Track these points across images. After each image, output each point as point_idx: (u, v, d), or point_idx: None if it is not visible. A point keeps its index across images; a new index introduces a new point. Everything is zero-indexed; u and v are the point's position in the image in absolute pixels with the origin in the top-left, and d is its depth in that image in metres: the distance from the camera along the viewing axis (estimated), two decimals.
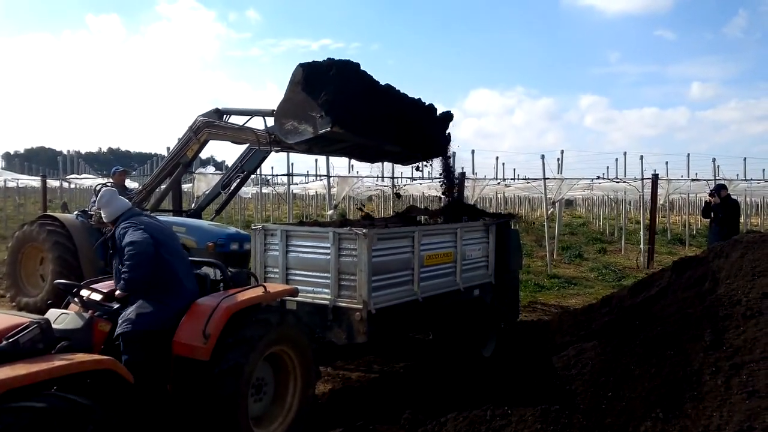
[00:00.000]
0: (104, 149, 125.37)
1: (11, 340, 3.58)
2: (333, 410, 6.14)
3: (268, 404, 5.07)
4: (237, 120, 8.28)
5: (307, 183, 24.55)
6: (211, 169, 16.84)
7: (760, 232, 8.06)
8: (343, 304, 6.17)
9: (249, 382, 4.68)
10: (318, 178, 19.90)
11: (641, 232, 19.24)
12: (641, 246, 18.17)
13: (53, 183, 26.39)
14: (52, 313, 4.32)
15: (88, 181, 23.08)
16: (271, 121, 7.77)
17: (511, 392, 5.83)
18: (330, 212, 15.24)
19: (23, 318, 3.88)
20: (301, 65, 6.50)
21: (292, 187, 22.74)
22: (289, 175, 19.10)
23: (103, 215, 5.08)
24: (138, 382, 4.07)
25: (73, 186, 27.93)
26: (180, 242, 5.28)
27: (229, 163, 10.18)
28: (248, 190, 26.91)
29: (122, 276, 4.70)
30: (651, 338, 5.73)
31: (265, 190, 29.65)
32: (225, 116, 8.41)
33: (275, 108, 7.13)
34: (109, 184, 9.44)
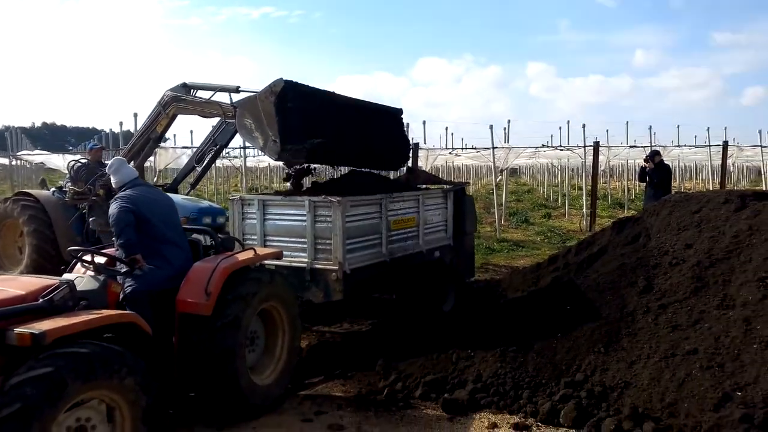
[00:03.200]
0: (38, 124, 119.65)
1: (47, 298, 4.07)
2: (313, 362, 6.78)
3: (260, 355, 5.66)
4: (204, 95, 8.68)
5: (260, 155, 24.68)
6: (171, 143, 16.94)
7: (687, 192, 8.99)
8: (320, 266, 6.76)
9: (246, 334, 5.26)
10: None
11: (583, 198, 20.33)
12: (584, 210, 19.25)
13: (3, 161, 25.62)
14: (69, 276, 4.77)
15: (40, 157, 22.71)
16: (236, 97, 8.21)
17: (471, 339, 6.54)
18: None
19: (52, 280, 4.36)
20: (284, 81, 6.80)
21: (242, 160, 22.93)
22: (244, 148, 19.39)
23: (112, 181, 5.49)
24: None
25: (17, 163, 27.19)
26: (176, 212, 5.72)
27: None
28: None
29: (116, 243, 5.18)
30: (593, 286, 6.55)
31: (217, 162, 29.55)
32: (192, 91, 8.78)
33: (239, 85, 7.60)
34: (84, 161, 9.71)
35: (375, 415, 5.43)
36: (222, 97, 8.41)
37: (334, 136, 7.30)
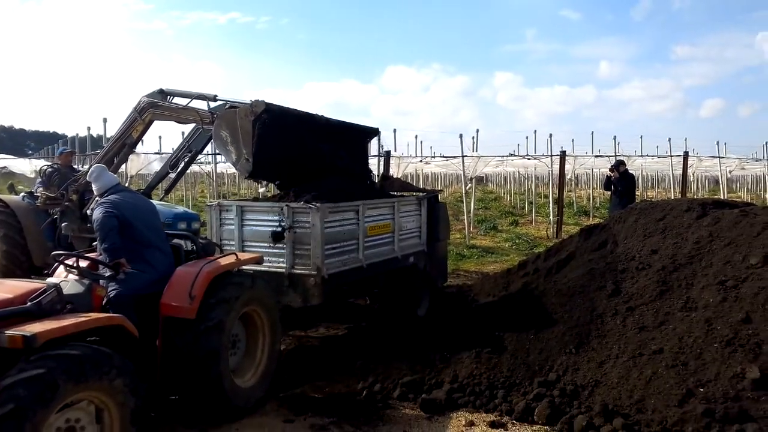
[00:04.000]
0: None
1: (35, 301, 4.11)
2: (292, 365, 6.87)
3: (242, 358, 5.75)
4: (180, 101, 8.70)
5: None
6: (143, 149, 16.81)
7: (651, 201, 9.35)
8: (298, 271, 6.85)
9: (229, 337, 5.35)
10: None
11: (550, 206, 20.78)
12: (550, 218, 19.68)
13: None
14: (54, 280, 4.80)
15: (3, 161, 22.24)
16: (214, 104, 8.27)
17: (447, 342, 6.72)
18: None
19: (39, 283, 4.40)
20: (265, 104, 6.95)
21: (212, 166, 22.89)
22: (214, 154, 19.36)
23: (93, 188, 5.54)
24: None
25: None
26: (158, 217, 5.79)
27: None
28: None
29: (101, 248, 5.23)
30: (563, 290, 6.79)
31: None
32: (168, 97, 8.80)
33: (216, 95, 7.68)
34: (56, 165, 9.63)
35: (355, 415, 5.56)
36: (198, 104, 8.45)
37: (306, 159, 7.52)
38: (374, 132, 9.17)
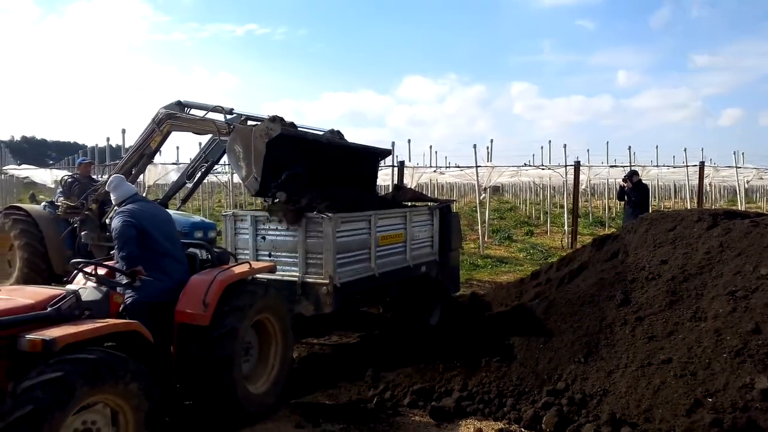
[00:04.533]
0: (17, 137, 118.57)
1: (55, 307, 4.26)
2: (304, 372, 6.97)
3: (254, 365, 5.85)
4: (198, 113, 8.88)
5: None
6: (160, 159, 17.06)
7: (662, 211, 9.35)
8: (310, 280, 6.97)
9: (242, 344, 5.46)
10: None
11: (565, 216, 20.74)
12: (565, 228, 19.64)
13: None
14: (73, 287, 4.95)
15: (26, 172, 22.66)
16: (230, 116, 8.43)
17: (457, 351, 6.78)
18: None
19: (59, 290, 4.55)
20: (281, 129, 7.13)
21: (229, 176, 23.13)
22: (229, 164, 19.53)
23: (112, 198, 5.70)
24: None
25: (1, 178, 27.09)
26: (175, 226, 5.93)
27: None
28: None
29: (118, 257, 5.37)
30: (574, 300, 6.82)
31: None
32: (186, 108, 8.98)
33: (233, 107, 7.85)
34: (75, 175, 9.85)
35: (365, 422, 5.63)
36: (215, 116, 8.62)
37: (315, 180, 7.65)
38: (386, 153, 9.31)
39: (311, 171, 7.70)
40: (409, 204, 9.08)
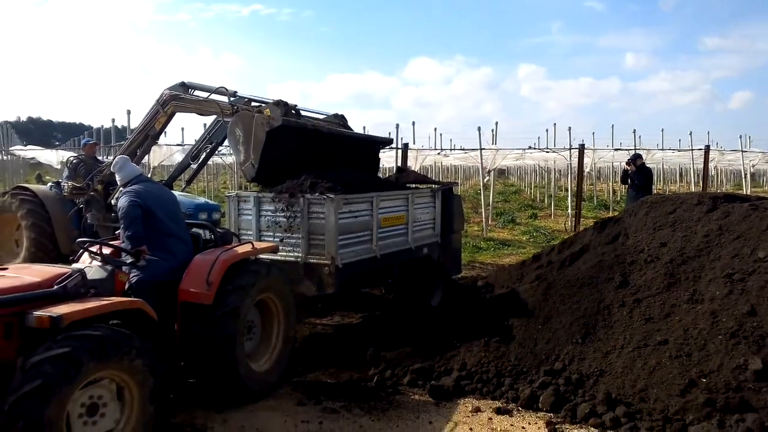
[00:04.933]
0: (23, 118, 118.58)
1: (61, 285, 4.36)
2: (306, 352, 7.08)
3: (257, 343, 5.97)
4: (202, 95, 8.93)
5: None
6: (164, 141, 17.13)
7: (663, 194, 9.38)
8: (313, 261, 7.05)
9: (244, 323, 5.56)
10: None
11: (569, 199, 20.75)
12: (569, 211, 19.67)
13: None
14: (79, 266, 5.05)
15: (32, 153, 22.74)
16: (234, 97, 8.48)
17: (457, 331, 6.88)
18: None
19: (65, 269, 4.65)
20: (283, 119, 7.20)
21: (231, 157, 23.23)
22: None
23: (117, 179, 5.78)
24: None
25: (7, 158, 27.16)
26: (179, 207, 6.02)
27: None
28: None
29: (124, 237, 5.46)
30: (573, 282, 6.90)
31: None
32: (190, 90, 9.03)
33: (236, 90, 7.91)
34: (81, 156, 9.93)
35: (366, 399, 5.75)
36: (219, 97, 8.67)
37: (316, 166, 7.72)
38: (388, 142, 9.35)
39: (313, 157, 7.77)
40: (412, 186, 9.14)
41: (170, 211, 5.76)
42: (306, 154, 7.76)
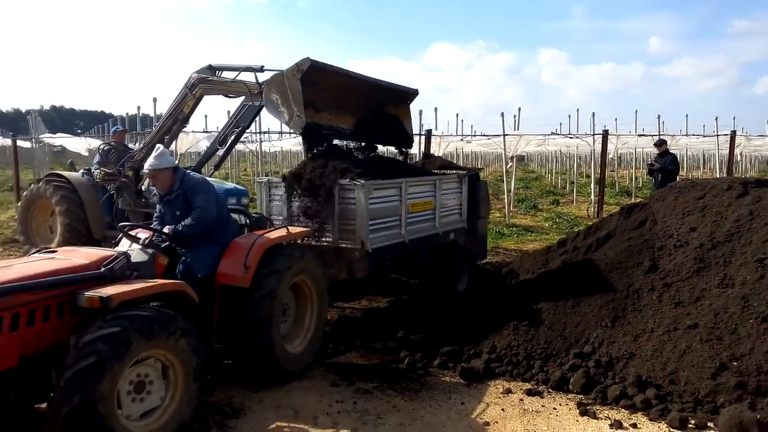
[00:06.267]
0: (47, 106, 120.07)
1: (108, 267, 4.52)
2: (337, 335, 7.21)
3: (291, 325, 6.11)
4: (229, 75, 9.04)
5: (280, 140, 25.11)
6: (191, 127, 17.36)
7: (691, 180, 9.35)
8: (344, 245, 7.16)
9: (280, 305, 5.70)
10: (292, 135, 20.50)
11: (591, 185, 20.65)
12: (591, 198, 19.59)
13: (24, 144, 25.92)
14: (121, 249, 5.21)
15: (60, 140, 23.10)
16: (261, 77, 8.56)
17: (486, 315, 6.97)
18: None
19: (110, 251, 4.81)
20: (310, 60, 7.16)
21: (257, 144, 23.45)
22: (260, 133, 19.79)
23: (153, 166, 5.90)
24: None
25: (37, 146, 27.52)
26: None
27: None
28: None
29: (182, 226, 5.48)
30: (601, 266, 6.95)
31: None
32: (217, 72, 9.15)
33: (263, 65, 8.01)
34: (111, 143, 10.13)
35: (397, 381, 5.87)
36: (246, 78, 8.76)
37: (352, 114, 7.87)
38: (414, 93, 9.31)
39: (354, 101, 7.98)
40: (439, 172, 9.20)
41: (220, 200, 5.92)
42: (344, 101, 7.90)
